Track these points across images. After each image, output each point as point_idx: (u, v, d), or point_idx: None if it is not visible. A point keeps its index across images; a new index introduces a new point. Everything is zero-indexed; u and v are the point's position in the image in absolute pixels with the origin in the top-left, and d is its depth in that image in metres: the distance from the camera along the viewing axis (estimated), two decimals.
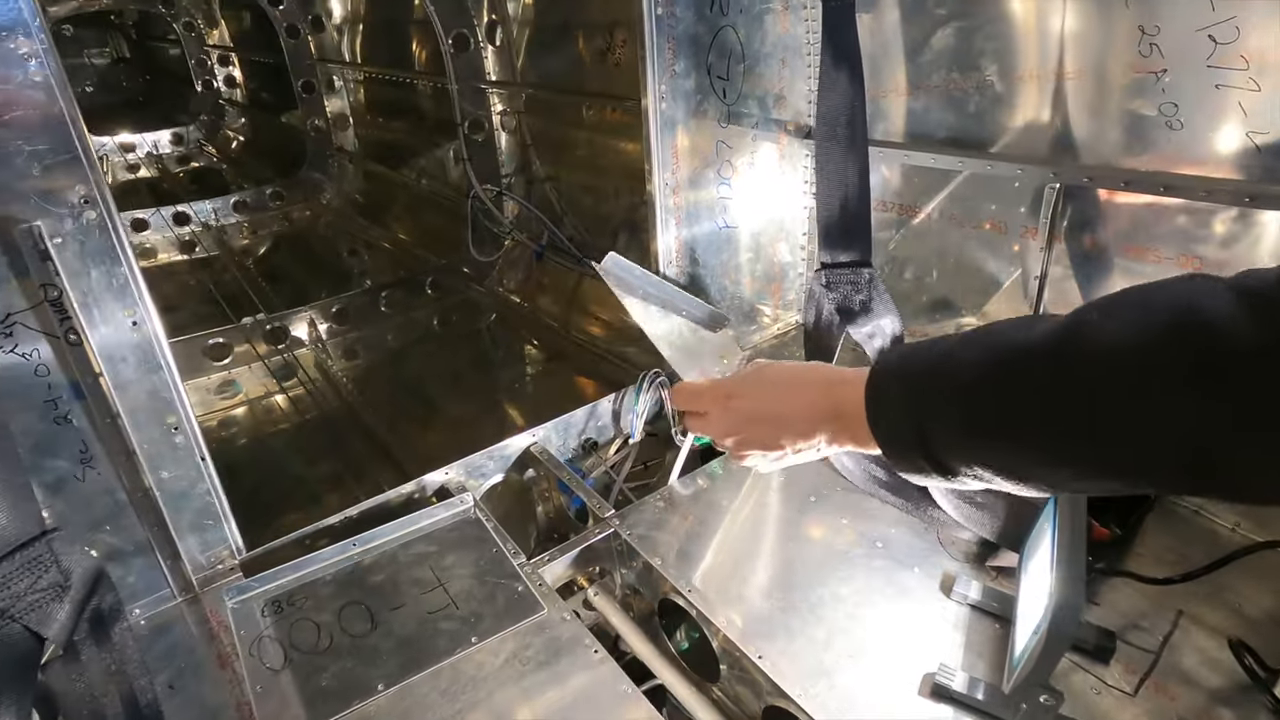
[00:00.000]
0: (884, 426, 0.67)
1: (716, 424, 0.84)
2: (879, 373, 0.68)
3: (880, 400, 0.67)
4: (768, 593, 1.06)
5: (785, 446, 0.79)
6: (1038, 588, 0.89)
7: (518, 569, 1.09)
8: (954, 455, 0.62)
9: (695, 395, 0.88)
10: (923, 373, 0.64)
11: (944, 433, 0.62)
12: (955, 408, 0.61)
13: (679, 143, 1.34)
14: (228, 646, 0.98)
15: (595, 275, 2.07)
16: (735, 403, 0.82)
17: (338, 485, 1.70)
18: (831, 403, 0.73)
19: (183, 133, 3.67)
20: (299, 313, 2.19)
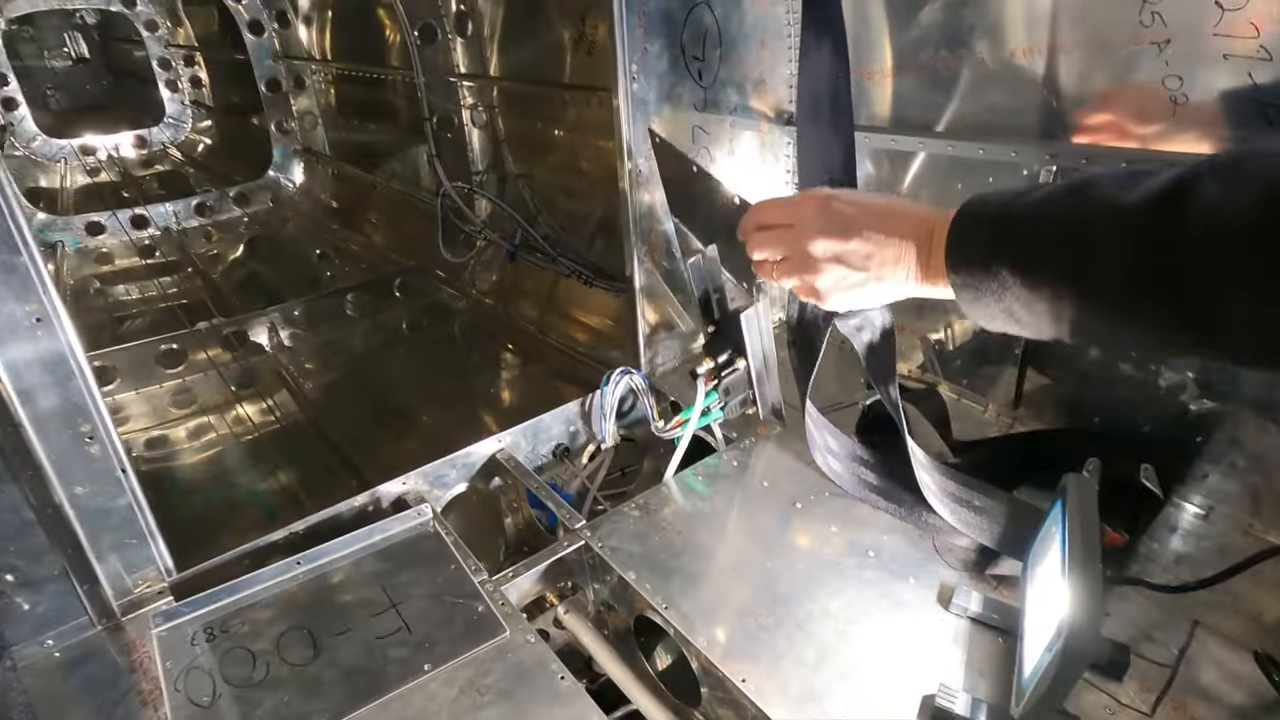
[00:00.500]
0: (960, 252, 0.73)
1: (809, 228, 0.83)
2: (969, 205, 0.74)
3: (965, 231, 0.73)
4: (752, 609, 0.97)
5: (872, 267, 0.80)
6: (1047, 600, 0.81)
7: (478, 587, 0.99)
8: (1016, 298, 0.69)
9: (781, 201, 0.89)
10: (1010, 218, 0.71)
11: (1014, 272, 0.68)
12: (1035, 257, 0.67)
13: (652, 128, 1.25)
14: (151, 680, 0.88)
15: (571, 275, 2.00)
16: (837, 204, 0.83)
17: (296, 499, 1.60)
18: (928, 225, 0.77)
19: (146, 135, 3.55)
20: (258, 317, 2.09)
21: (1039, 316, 0.70)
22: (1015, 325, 0.74)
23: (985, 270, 0.72)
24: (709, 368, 1.21)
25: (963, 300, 0.76)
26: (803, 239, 0.84)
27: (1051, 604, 0.78)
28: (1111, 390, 1.17)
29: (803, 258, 0.85)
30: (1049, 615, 0.79)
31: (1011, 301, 0.71)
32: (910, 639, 0.92)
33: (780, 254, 0.89)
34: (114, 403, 1.87)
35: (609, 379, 1.21)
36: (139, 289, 2.56)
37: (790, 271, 0.88)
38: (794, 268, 0.88)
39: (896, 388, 1.04)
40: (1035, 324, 0.71)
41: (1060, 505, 0.85)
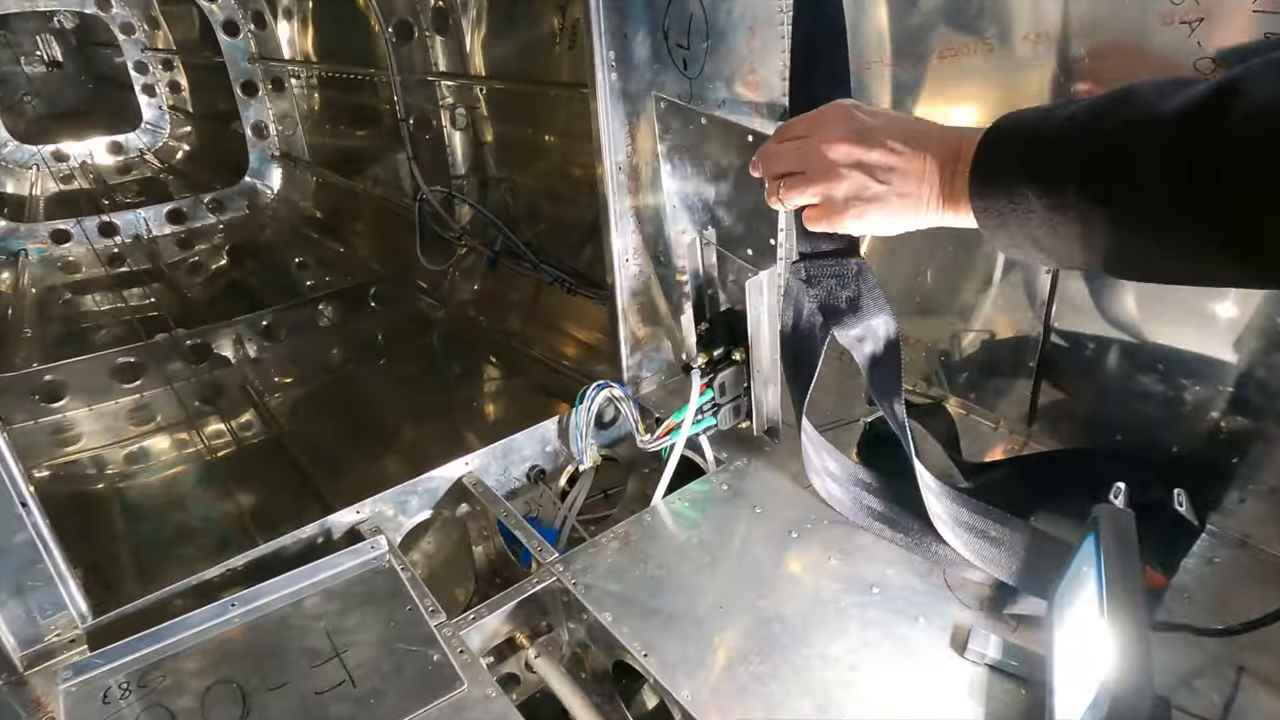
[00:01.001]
0: (986, 173, 0.68)
1: (830, 134, 0.77)
2: (1000, 122, 0.69)
3: (992, 150, 0.68)
4: (742, 654, 0.86)
5: (895, 180, 0.75)
6: (1082, 650, 0.70)
7: (434, 631, 0.88)
8: (1042, 222, 0.64)
9: (802, 116, 0.83)
10: (1040, 134, 0.65)
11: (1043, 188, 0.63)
12: (1064, 174, 0.62)
13: (633, 120, 1.15)
14: None
15: (554, 283, 1.90)
16: (861, 113, 0.78)
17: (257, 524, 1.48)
18: (955, 144, 0.72)
19: (122, 141, 3.45)
20: (222, 329, 1.98)
21: (1065, 241, 0.65)
22: (1039, 253, 0.68)
23: (1010, 192, 0.67)
24: (705, 361, 1.11)
25: (985, 226, 0.71)
26: (823, 145, 0.78)
27: (1088, 655, 0.68)
28: (1135, 406, 1.07)
29: (821, 165, 0.78)
30: (1086, 669, 0.68)
31: (1037, 226, 0.66)
32: (921, 689, 0.82)
33: (795, 165, 0.82)
34: (63, 420, 1.76)
35: (584, 394, 1.10)
36: (104, 299, 2.45)
37: (806, 183, 0.80)
38: (810, 179, 0.80)
39: (903, 404, 0.93)
40: (1061, 250, 0.66)
41: (1094, 540, 0.74)
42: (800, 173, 0.81)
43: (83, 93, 4.43)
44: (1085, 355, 1.11)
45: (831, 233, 0.93)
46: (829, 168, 0.78)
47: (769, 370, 1.13)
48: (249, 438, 1.76)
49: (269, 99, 2.93)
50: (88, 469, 1.67)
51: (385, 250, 2.52)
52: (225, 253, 2.85)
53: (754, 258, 1.11)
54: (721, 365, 1.13)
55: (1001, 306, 1.22)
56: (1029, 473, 1.09)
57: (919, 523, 0.99)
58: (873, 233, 0.83)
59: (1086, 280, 1.11)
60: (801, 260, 0.95)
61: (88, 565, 1.37)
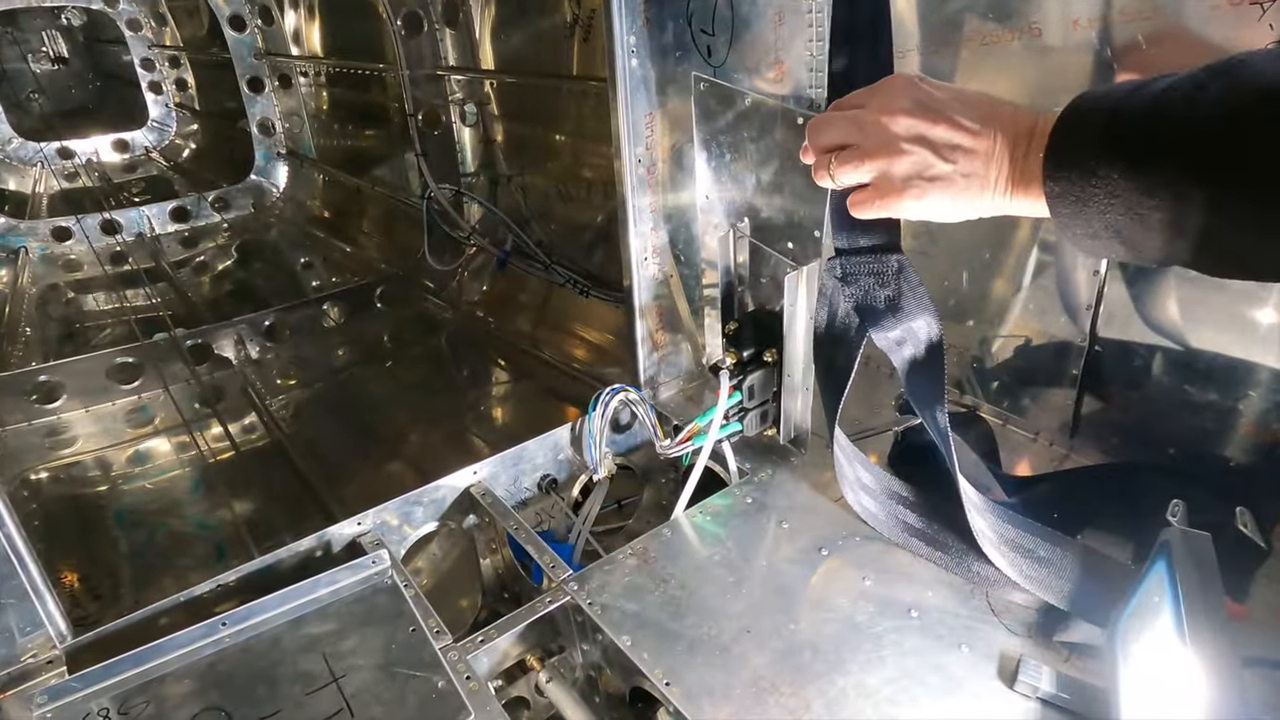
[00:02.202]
0: (1063, 153, 0.62)
1: (892, 104, 0.70)
2: (1080, 99, 0.63)
3: (1071, 128, 0.62)
4: (771, 683, 0.80)
5: (960, 160, 0.68)
6: (1157, 687, 0.63)
7: (440, 655, 0.82)
8: (1126, 207, 0.58)
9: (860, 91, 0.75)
10: (1126, 109, 0.59)
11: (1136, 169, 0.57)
12: (1159, 153, 0.56)
13: (654, 109, 1.09)
14: None
15: (566, 284, 1.84)
16: (926, 85, 0.71)
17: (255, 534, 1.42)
18: (1028, 122, 0.66)
19: (127, 139, 3.40)
20: (223, 329, 1.92)
21: (1152, 231, 0.58)
22: (1119, 244, 0.61)
23: (1091, 174, 0.60)
24: (734, 362, 1.04)
25: (1059, 215, 0.64)
26: (884, 116, 0.70)
27: (1165, 692, 0.61)
28: (1188, 417, 1.00)
29: (881, 137, 0.70)
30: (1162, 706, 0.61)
31: (1122, 213, 0.59)
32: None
33: (849, 136, 0.74)
34: (59, 421, 1.71)
35: (597, 400, 1.04)
36: (106, 298, 2.40)
37: (861, 158, 0.73)
38: (866, 151, 0.72)
39: (945, 412, 0.86)
40: (1145, 241, 0.59)
41: (1165, 565, 0.67)
42: (854, 146, 0.74)
43: (89, 90, 4.40)
44: (1134, 364, 1.04)
45: (871, 228, 0.87)
46: (889, 141, 0.70)
47: (801, 374, 1.06)
48: (249, 442, 1.70)
49: (275, 96, 2.89)
50: (82, 472, 1.61)
51: (392, 250, 2.47)
52: (229, 252, 2.80)
53: (795, 251, 1.04)
54: (751, 367, 1.06)
55: (1036, 311, 1.15)
56: (1076, 488, 1.02)
57: (959, 540, 0.92)
58: (931, 218, 0.74)
59: (1128, 284, 1.04)
60: (837, 257, 0.88)
61: (80, 575, 1.32)
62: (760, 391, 1.07)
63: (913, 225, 1.21)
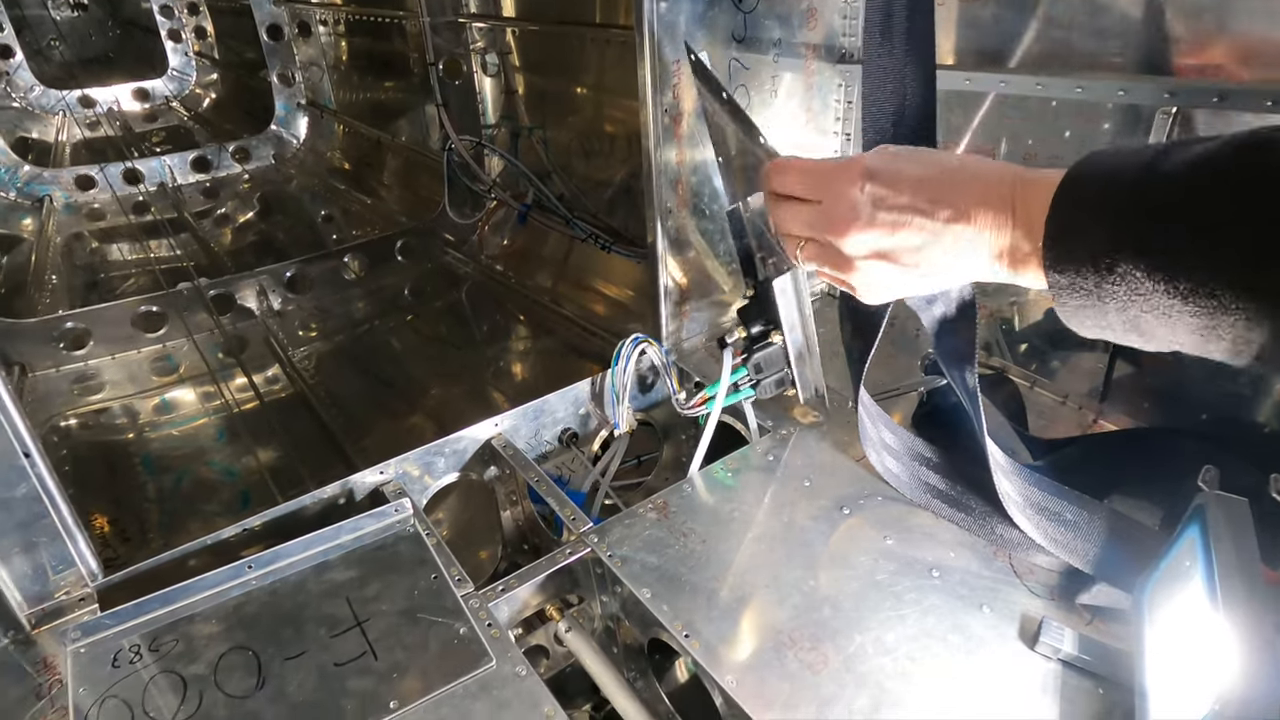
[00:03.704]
0: (1067, 243, 0.53)
1: (838, 218, 0.63)
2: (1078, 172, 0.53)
3: (1074, 211, 0.52)
4: (790, 637, 0.80)
5: (924, 263, 0.61)
6: (1184, 653, 0.63)
7: (461, 602, 0.83)
8: (1151, 307, 0.49)
9: (808, 169, 0.67)
10: (1148, 190, 0.49)
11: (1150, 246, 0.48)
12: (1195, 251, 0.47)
13: (682, 56, 1.06)
14: (59, 710, 0.72)
15: (588, 239, 1.82)
16: (878, 186, 0.61)
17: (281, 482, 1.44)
18: (1008, 196, 0.57)
19: (148, 88, 3.39)
20: (246, 279, 1.92)
21: (1182, 330, 0.49)
22: (1139, 339, 0.53)
23: (1106, 269, 0.50)
24: (739, 338, 1.02)
25: (1064, 304, 0.54)
26: (833, 232, 0.64)
27: (1194, 659, 0.60)
28: (1222, 382, 0.98)
29: (834, 252, 0.65)
30: (1191, 673, 0.60)
31: (1142, 310, 0.50)
32: (989, 684, 0.75)
33: (806, 234, 0.69)
34: (87, 368, 1.73)
35: (621, 350, 1.02)
36: (129, 248, 2.41)
37: (819, 259, 0.69)
38: (824, 259, 0.68)
39: (975, 373, 0.85)
40: (1175, 339, 0.50)
41: (1198, 529, 0.66)
42: (815, 244, 0.69)
43: (109, 37, 4.37)
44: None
45: None
46: (844, 259, 0.65)
47: (807, 354, 1.04)
48: (272, 392, 1.72)
49: (295, 45, 2.85)
50: (110, 419, 1.64)
51: (413, 202, 2.45)
52: (250, 203, 2.80)
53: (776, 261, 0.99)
54: (758, 346, 1.03)
55: None
56: (1104, 452, 1.00)
57: (982, 502, 0.91)
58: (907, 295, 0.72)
59: None
60: None
61: (109, 518, 1.35)
62: (769, 366, 1.04)
63: None
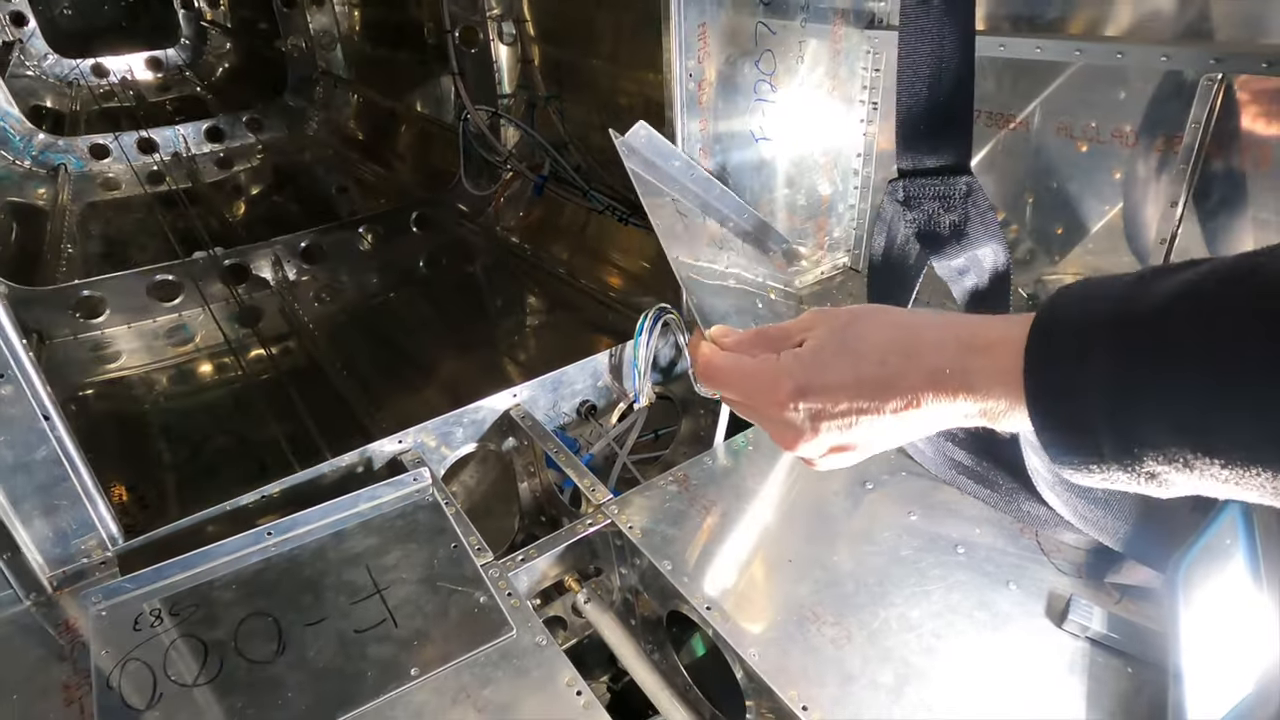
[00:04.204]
0: (1053, 399, 0.42)
1: (782, 432, 0.54)
2: (1050, 319, 0.42)
3: (1058, 375, 0.42)
4: (813, 612, 0.79)
5: (884, 441, 0.53)
6: (1221, 635, 0.61)
7: (481, 572, 0.82)
8: (1172, 437, 0.38)
9: (735, 372, 0.57)
10: (1136, 316, 0.39)
11: (1168, 406, 0.38)
12: (1196, 372, 0.37)
13: (706, 19, 1.03)
14: (82, 671, 0.72)
15: (605, 211, 1.79)
16: (807, 401, 0.52)
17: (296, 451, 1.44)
18: (960, 369, 0.46)
19: (161, 57, 3.36)
20: (261, 249, 1.91)
21: (1219, 483, 0.39)
22: (1159, 490, 0.42)
23: (1109, 439, 0.40)
24: None
25: (1064, 467, 0.44)
26: (780, 441, 0.56)
27: (1233, 641, 0.59)
28: None
29: (786, 433, 0.55)
30: (1228, 655, 0.59)
31: (1160, 467, 0.40)
32: (1015, 660, 0.74)
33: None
34: (103, 336, 1.73)
35: (645, 321, 1.01)
36: (144, 216, 2.40)
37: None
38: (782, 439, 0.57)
39: None
40: (1201, 486, 0.40)
41: (1240, 507, 0.64)
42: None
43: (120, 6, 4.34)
44: None
45: (939, 146, 0.81)
46: (803, 460, 0.57)
47: None
48: (288, 362, 1.71)
49: (309, 13, 2.81)
50: (126, 388, 1.64)
51: (428, 173, 2.43)
52: (264, 174, 2.78)
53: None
54: None
55: (1099, 250, 1.10)
56: None
57: (1009, 478, 0.89)
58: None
59: (1202, 223, 0.98)
60: (900, 179, 0.83)
61: (127, 486, 1.35)
62: None
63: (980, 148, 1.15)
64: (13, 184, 2.37)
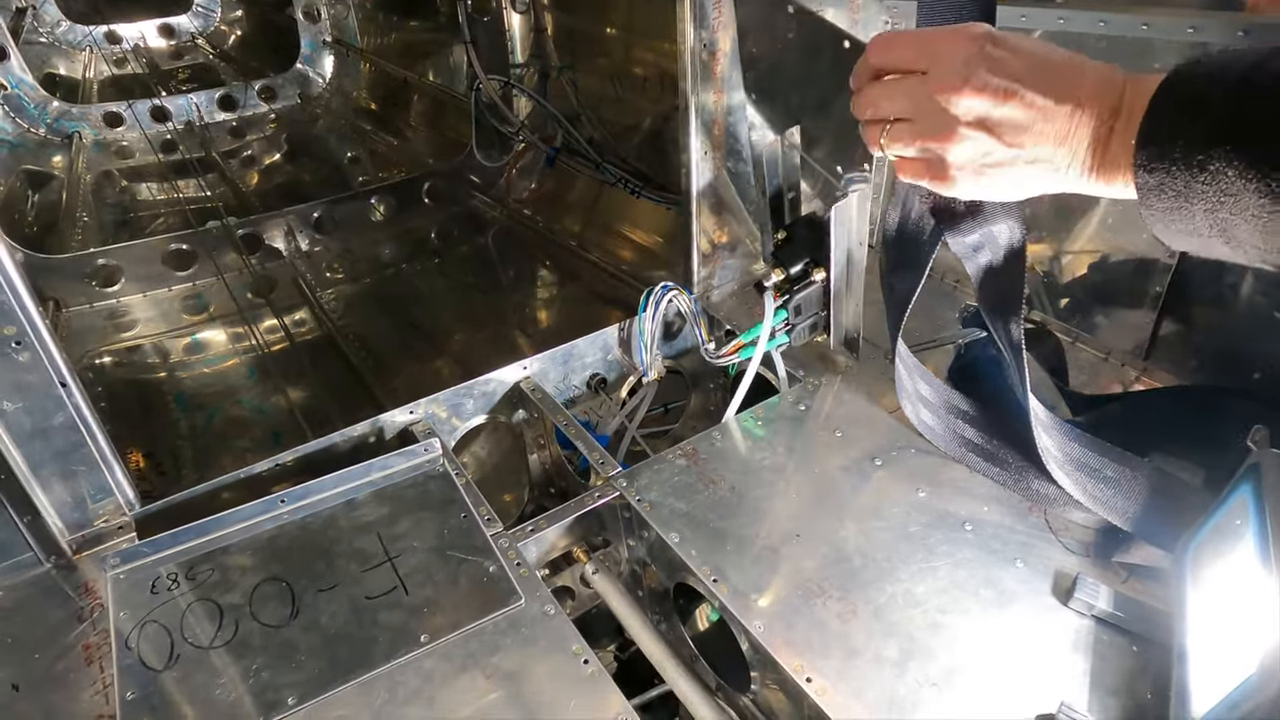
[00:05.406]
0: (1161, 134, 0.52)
1: (952, 77, 0.60)
2: (1186, 68, 0.53)
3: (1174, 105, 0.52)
4: (819, 586, 0.79)
5: (1027, 143, 0.59)
6: (1228, 614, 0.61)
7: (490, 541, 0.83)
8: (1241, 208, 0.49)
9: (921, 34, 0.66)
10: (1254, 86, 0.49)
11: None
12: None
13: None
14: (101, 632, 0.74)
15: (617, 184, 1.79)
16: (996, 50, 0.59)
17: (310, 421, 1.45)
18: (1116, 91, 0.56)
19: (173, 24, 3.34)
20: (274, 219, 1.92)
21: (1275, 235, 0.48)
22: (1223, 245, 0.53)
23: (1199, 169, 0.50)
24: (779, 279, 1.00)
25: (1151, 206, 0.55)
26: (942, 90, 0.60)
27: (1239, 621, 0.59)
28: (1274, 340, 0.94)
29: (936, 117, 0.61)
30: (1234, 636, 0.59)
31: (1231, 212, 0.50)
32: (1020, 637, 0.74)
33: (903, 110, 0.64)
34: (118, 305, 1.74)
35: (649, 297, 1.00)
36: (158, 186, 2.41)
37: (914, 136, 0.64)
38: (920, 131, 0.63)
39: (1020, 326, 0.82)
40: (1266, 245, 0.50)
41: (1251, 488, 0.64)
42: (909, 120, 0.64)
43: None
44: (1224, 281, 0.98)
45: None
46: (946, 123, 0.61)
47: (851, 296, 1.01)
48: (301, 333, 1.72)
49: None
50: (142, 357, 1.66)
51: (439, 144, 2.42)
52: (277, 143, 2.77)
53: (843, 176, 0.95)
54: (799, 286, 1.01)
55: (1116, 226, 1.08)
56: (1147, 410, 0.98)
57: (1019, 456, 0.89)
58: (990, 199, 0.68)
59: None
60: None
61: (144, 453, 1.37)
62: (808, 308, 1.02)
63: None
64: (28, 152, 2.38)
